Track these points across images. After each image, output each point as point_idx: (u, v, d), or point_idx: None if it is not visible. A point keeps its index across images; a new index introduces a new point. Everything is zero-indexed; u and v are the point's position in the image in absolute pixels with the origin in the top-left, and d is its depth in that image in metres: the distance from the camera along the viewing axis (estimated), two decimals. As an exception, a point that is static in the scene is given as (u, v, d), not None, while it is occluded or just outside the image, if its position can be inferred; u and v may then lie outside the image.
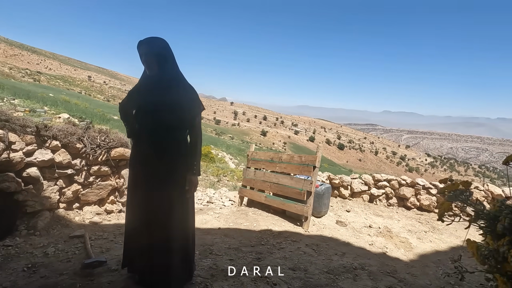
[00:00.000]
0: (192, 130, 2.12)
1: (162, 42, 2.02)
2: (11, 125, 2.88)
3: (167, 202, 2.04)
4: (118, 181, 3.76)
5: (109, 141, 3.59)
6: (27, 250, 2.57)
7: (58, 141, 3.15)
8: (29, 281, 2.13)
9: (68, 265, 2.39)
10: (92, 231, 3.10)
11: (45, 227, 2.97)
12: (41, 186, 3.05)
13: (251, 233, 3.55)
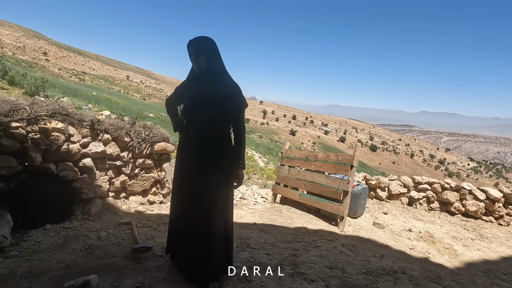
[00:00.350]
0: (237, 125, 2.19)
1: (210, 41, 2.12)
2: (70, 119, 3.17)
3: (211, 194, 2.13)
4: (160, 174, 3.97)
5: (153, 136, 3.80)
6: (83, 232, 2.82)
7: (109, 135, 3.41)
8: (87, 261, 2.34)
9: (118, 248, 2.59)
10: (138, 219, 3.32)
11: (97, 213, 3.23)
12: (94, 175, 3.32)
13: (286, 229, 3.57)
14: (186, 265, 2.19)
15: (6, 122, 2.75)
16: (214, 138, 2.14)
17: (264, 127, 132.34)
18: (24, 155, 2.86)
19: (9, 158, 2.76)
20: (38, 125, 2.93)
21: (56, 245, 2.54)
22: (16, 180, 2.81)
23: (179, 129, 2.33)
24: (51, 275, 2.10)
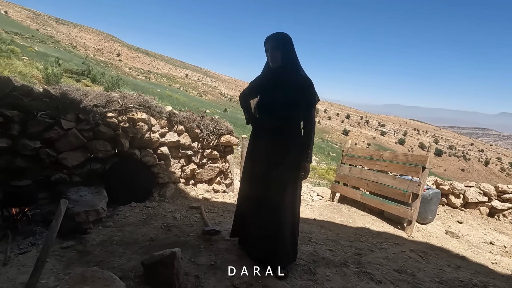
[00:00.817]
0: (307, 119, 2.22)
1: (286, 37, 2.18)
2: (151, 111, 3.55)
3: (281, 184, 2.20)
4: (224, 164, 4.21)
5: (220, 129, 4.05)
6: (161, 212, 3.16)
7: (182, 126, 3.73)
8: (167, 236, 2.63)
9: (191, 229, 2.84)
10: (205, 205, 3.58)
11: (171, 196, 3.58)
12: (169, 162, 3.68)
13: (347, 228, 3.48)
14: (254, 251, 2.30)
15: (104, 112, 3.21)
16: (285, 131, 2.20)
17: (316, 126, 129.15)
18: (115, 141, 3.31)
19: (105, 143, 3.21)
20: (127, 115, 3.35)
21: (141, 220, 2.90)
22: (109, 162, 3.26)
23: (251, 121, 2.45)
24: (140, 245, 2.41)
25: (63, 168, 3.01)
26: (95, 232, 2.53)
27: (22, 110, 2.79)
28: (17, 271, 1.92)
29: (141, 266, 2.01)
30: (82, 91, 3.30)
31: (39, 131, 2.86)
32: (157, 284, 1.87)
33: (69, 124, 2.98)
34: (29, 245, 2.22)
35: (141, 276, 1.98)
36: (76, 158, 3.05)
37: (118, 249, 2.31)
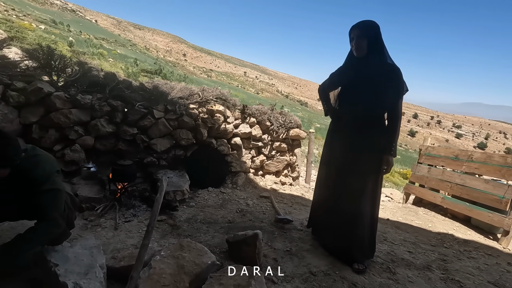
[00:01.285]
0: (393, 110, 2.11)
1: (373, 25, 2.10)
2: (227, 104, 3.78)
3: (362, 177, 2.14)
4: (292, 158, 4.26)
5: (289, 122, 4.10)
6: (234, 198, 3.35)
7: (254, 118, 3.89)
8: (243, 220, 2.79)
9: (264, 216, 2.96)
10: (274, 195, 3.68)
11: (242, 184, 3.77)
12: (241, 152, 3.87)
13: (426, 232, 3.22)
14: (330, 243, 2.30)
15: (187, 104, 3.53)
16: (369, 123, 2.13)
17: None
18: (195, 131, 3.61)
19: (187, 132, 3.53)
20: (206, 107, 3.63)
21: (218, 204, 3.13)
22: (190, 149, 3.58)
23: (330, 113, 2.43)
24: (220, 225, 2.61)
25: (153, 153, 3.41)
26: (181, 210, 2.82)
27: (123, 101, 3.24)
28: (125, 236, 2.26)
29: (226, 243, 2.19)
30: (169, 85, 3.68)
31: (136, 120, 3.28)
32: (241, 260, 2.00)
33: (159, 114, 3.36)
34: (131, 216, 2.59)
35: (226, 252, 2.15)
36: (163, 144, 3.43)
37: (202, 227, 2.54)
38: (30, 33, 19.78)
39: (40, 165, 1.37)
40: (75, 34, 37.32)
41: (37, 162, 1.36)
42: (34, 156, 1.37)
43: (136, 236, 2.25)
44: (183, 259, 1.75)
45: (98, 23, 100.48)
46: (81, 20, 69.45)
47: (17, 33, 16.32)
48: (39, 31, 23.75)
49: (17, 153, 1.26)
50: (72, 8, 79.42)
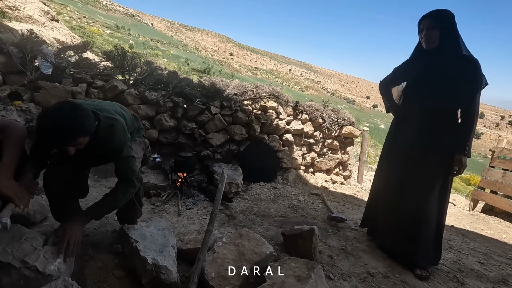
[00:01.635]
0: (468, 106, 1.93)
1: (446, 14, 1.94)
2: (280, 100, 3.82)
3: (429, 178, 2.01)
4: (344, 156, 4.14)
5: (342, 119, 3.99)
6: (285, 194, 3.39)
7: (307, 115, 3.87)
8: (295, 216, 2.81)
9: (316, 213, 2.94)
10: (325, 193, 3.63)
11: (293, 181, 3.79)
12: (292, 149, 3.89)
13: (500, 243, 2.89)
14: (390, 245, 2.20)
15: (241, 100, 3.65)
16: (439, 120, 1.98)
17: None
18: (248, 126, 3.72)
19: (241, 127, 3.66)
20: (259, 103, 3.71)
21: (270, 198, 3.20)
22: (243, 144, 3.71)
23: (393, 110, 2.31)
24: (273, 219, 2.67)
25: (209, 146, 3.60)
26: (236, 202, 2.95)
27: (184, 97, 3.47)
28: (187, 221, 2.44)
29: (280, 236, 2.24)
30: (225, 82, 3.84)
31: (195, 115, 3.50)
32: (296, 254, 2.03)
33: (216, 109, 3.53)
34: (191, 204, 2.78)
35: (281, 245, 2.20)
36: (219, 139, 3.60)
37: (257, 219, 2.62)
38: (98, 37, 22.18)
39: (115, 135, 1.51)
40: (134, 37, 40.72)
41: (113, 134, 1.51)
42: (110, 127, 1.51)
43: (197, 223, 2.42)
44: (243, 247, 1.84)
45: (154, 26, 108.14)
46: (139, 24, 75.52)
47: (88, 38, 18.41)
48: (105, 36, 26.48)
49: (91, 123, 1.38)
50: (132, 13, 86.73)
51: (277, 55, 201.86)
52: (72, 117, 1.29)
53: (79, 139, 1.34)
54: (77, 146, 1.38)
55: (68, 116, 1.28)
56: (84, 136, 1.36)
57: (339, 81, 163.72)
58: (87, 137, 1.39)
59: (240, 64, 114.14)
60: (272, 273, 1.61)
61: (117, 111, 1.67)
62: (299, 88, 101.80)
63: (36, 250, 1.30)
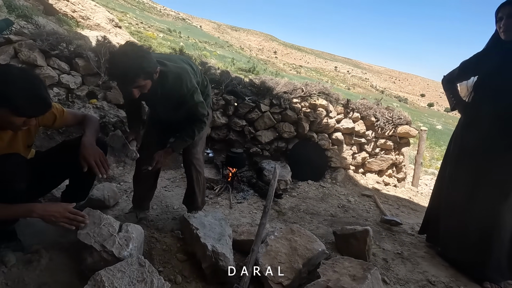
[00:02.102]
0: None
1: None
2: (330, 98, 3.75)
3: (503, 182, 1.82)
4: (398, 157, 3.92)
5: (397, 118, 3.77)
6: (334, 193, 3.33)
7: (358, 113, 3.74)
8: (345, 216, 2.75)
9: (368, 215, 2.84)
10: (376, 195, 3.48)
11: (342, 180, 3.70)
12: (342, 148, 3.79)
13: None
14: (454, 254, 2.04)
15: (291, 98, 3.66)
16: None
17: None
18: (297, 124, 3.72)
19: (289, 125, 3.68)
20: (309, 101, 3.68)
21: (318, 197, 3.17)
22: (292, 142, 3.72)
23: (460, 107, 2.13)
24: (323, 218, 2.65)
25: (258, 143, 3.69)
26: (284, 199, 2.98)
27: (235, 95, 3.60)
28: (239, 214, 2.54)
29: (331, 235, 2.21)
30: (274, 80, 3.89)
31: (245, 113, 3.61)
32: (348, 254, 1.99)
33: (265, 107, 3.60)
34: (242, 198, 2.89)
35: (331, 244, 2.18)
36: (267, 136, 3.66)
37: (306, 217, 2.63)
38: (153, 41, 23.93)
39: (183, 82, 1.63)
40: (184, 40, 43.00)
41: (181, 81, 1.63)
42: (179, 75, 1.62)
43: (248, 216, 2.51)
44: (295, 242, 1.86)
45: (202, 28, 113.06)
46: (189, 26, 79.58)
47: (145, 41, 20.00)
48: (159, 39, 28.45)
49: (151, 66, 1.44)
50: (183, 17, 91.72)
51: (323, 52, 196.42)
52: (132, 58, 1.38)
53: (139, 80, 1.43)
54: (141, 90, 1.48)
55: (128, 57, 1.37)
56: (145, 78, 1.44)
57: (389, 78, 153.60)
58: (148, 80, 1.46)
59: (284, 63, 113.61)
60: (326, 270, 1.61)
61: (186, 62, 1.79)
62: (345, 86, 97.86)
63: (112, 236, 1.48)
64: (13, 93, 1.13)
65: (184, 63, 1.76)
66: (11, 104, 1.14)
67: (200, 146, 2.08)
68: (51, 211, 1.32)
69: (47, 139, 2.82)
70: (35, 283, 1.35)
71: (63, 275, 1.43)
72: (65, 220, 1.34)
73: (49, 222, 1.31)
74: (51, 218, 1.30)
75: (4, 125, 1.25)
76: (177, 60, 1.74)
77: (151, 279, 1.31)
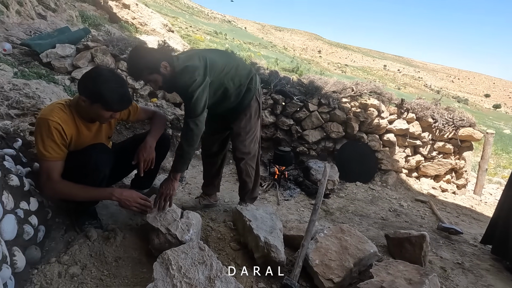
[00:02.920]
0: None
1: None
2: (382, 98, 3.60)
3: None
4: (458, 162, 3.61)
5: (459, 120, 3.48)
6: (385, 197, 3.20)
7: (414, 114, 3.53)
8: (397, 220, 2.64)
9: (423, 221, 2.68)
10: (432, 202, 3.25)
11: (393, 184, 3.54)
12: (394, 150, 3.62)
13: None
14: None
15: (340, 98, 3.60)
16: None
17: None
18: (346, 124, 3.64)
19: (338, 125, 3.62)
20: (359, 101, 3.58)
21: (368, 199, 3.08)
22: (340, 142, 3.66)
23: None
24: (373, 220, 2.57)
25: (305, 143, 3.69)
26: (332, 199, 2.95)
27: (283, 95, 3.65)
28: (286, 211, 2.59)
29: (383, 238, 2.15)
30: (323, 79, 3.86)
31: (293, 112, 3.64)
32: (401, 258, 1.92)
33: (313, 107, 3.59)
34: (288, 196, 2.93)
35: (382, 247, 2.11)
36: (315, 136, 3.65)
37: (355, 218, 2.57)
38: (201, 43, 25.10)
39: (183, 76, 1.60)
40: (230, 41, 44.26)
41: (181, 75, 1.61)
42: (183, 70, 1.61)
43: (296, 213, 2.55)
44: (346, 241, 1.85)
45: (246, 30, 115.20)
46: (234, 28, 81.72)
47: (194, 44, 21.08)
48: (206, 42, 29.73)
49: (155, 61, 1.55)
50: (228, 20, 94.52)
51: (371, 50, 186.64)
52: (134, 59, 1.58)
53: (146, 75, 1.59)
54: (154, 83, 1.64)
55: (132, 57, 1.60)
56: (150, 73, 1.57)
57: (446, 77, 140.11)
58: (154, 74, 1.58)
59: (328, 62, 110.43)
60: (379, 271, 1.58)
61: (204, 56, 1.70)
62: (395, 86, 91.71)
63: (175, 221, 1.63)
64: (106, 91, 1.33)
65: (202, 59, 1.68)
66: (103, 100, 1.34)
67: (248, 140, 2.03)
68: (126, 196, 1.50)
69: (116, 133, 3.17)
70: (112, 257, 1.54)
71: (134, 252, 1.61)
72: (137, 205, 1.51)
73: (123, 205, 1.49)
74: (126, 202, 1.48)
75: (95, 117, 1.46)
76: (194, 56, 1.71)
77: (210, 262, 1.42)
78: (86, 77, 1.37)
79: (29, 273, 1.27)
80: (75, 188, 1.40)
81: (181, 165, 1.73)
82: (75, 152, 1.44)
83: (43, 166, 1.36)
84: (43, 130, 1.31)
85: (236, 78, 1.85)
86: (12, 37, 3.61)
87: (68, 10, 6.11)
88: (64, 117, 1.36)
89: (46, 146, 1.31)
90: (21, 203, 1.31)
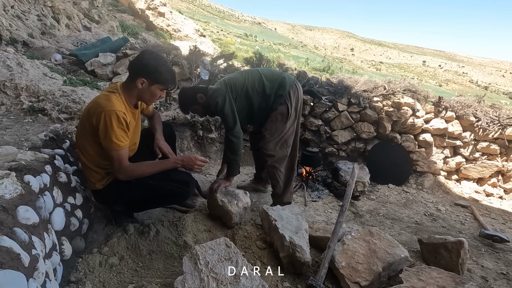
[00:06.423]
0: None
1: None
2: (417, 96, 3.42)
3: None
4: (505, 164, 3.31)
5: (506, 118, 3.19)
6: (420, 200, 3.03)
7: (453, 112, 3.31)
8: (433, 225, 2.49)
9: (462, 227, 2.51)
10: (475, 207, 3.02)
11: (429, 187, 3.34)
12: (431, 151, 3.42)
13: None
14: None
15: (371, 97, 3.48)
16: None
17: None
18: (377, 124, 3.51)
19: (369, 125, 3.50)
20: (392, 100, 3.43)
21: (401, 202, 2.94)
22: (371, 143, 3.54)
23: None
24: (406, 224, 2.46)
25: (334, 143, 3.62)
26: (362, 201, 2.87)
27: (311, 95, 3.61)
28: (313, 212, 2.57)
29: (416, 243, 2.05)
30: (353, 78, 3.76)
31: (321, 112, 3.59)
32: (436, 265, 1.81)
33: (343, 106, 3.51)
34: (316, 197, 2.90)
35: (415, 252, 2.02)
36: (344, 136, 3.57)
37: (386, 221, 2.48)
38: (232, 46, 25.58)
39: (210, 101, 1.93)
40: (260, 43, 44.51)
41: (209, 100, 1.94)
42: (210, 96, 1.93)
43: (323, 215, 2.51)
44: (374, 245, 1.80)
45: (276, 31, 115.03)
46: (264, 30, 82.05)
47: (224, 47, 21.56)
48: (237, 44, 30.22)
49: (193, 97, 1.97)
50: (258, 22, 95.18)
51: (408, 46, 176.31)
52: (181, 95, 2.03)
53: (191, 107, 2.04)
54: (196, 113, 2.11)
55: (179, 95, 2.04)
56: (192, 104, 2.01)
57: (496, 72, 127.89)
58: (195, 105, 2.00)
59: (362, 60, 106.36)
60: (409, 277, 1.52)
61: (224, 79, 2.06)
62: (436, 83, 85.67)
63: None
64: (165, 71, 1.47)
65: (223, 84, 2.00)
66: (163, 79, 1.47)
67: (272, 143, 2.11)
68: (187, 160, 1.62)
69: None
70: (146, 250, 1.65)
71: (166, 246, 1.71)
72: (199, 163, 1.63)
73: (188, 167, 1.60)
74: (190, 163, 1.60)
75: (146, 99, 1.55)
76: (221, 82, 2.03)
77: (236, 259, 1.46)
78: (146, 59, 1.44)
79: (74, 261, 1.42)
80: (144, 166, 1.54)
81: (232, 170, 2.07)
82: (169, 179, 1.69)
83: (115, 154, 1.40)
84: (113, 122, 1.36)
85: (260, 88, 2.06)
86: (62, 48, 4.00)
87: (109, 21, 6.60)
88: (123, 107, 1.44)
89: (119, 136, 1.38)
90: (69, 198, 1.46)
